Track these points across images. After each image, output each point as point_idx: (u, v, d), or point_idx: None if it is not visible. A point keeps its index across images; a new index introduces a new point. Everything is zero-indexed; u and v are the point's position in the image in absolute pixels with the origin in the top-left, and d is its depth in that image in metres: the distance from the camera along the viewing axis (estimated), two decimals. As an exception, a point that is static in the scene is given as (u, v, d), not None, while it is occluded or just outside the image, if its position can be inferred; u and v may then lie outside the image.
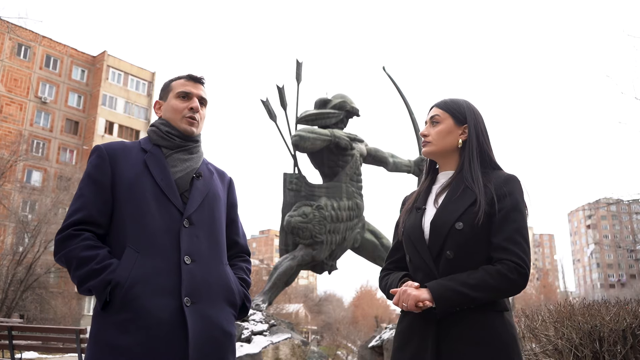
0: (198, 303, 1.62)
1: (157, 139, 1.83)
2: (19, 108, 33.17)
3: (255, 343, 5.46)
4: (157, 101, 1.93)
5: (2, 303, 20.07)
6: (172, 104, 1.86)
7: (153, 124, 1.90)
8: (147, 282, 1.58)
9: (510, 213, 1.59)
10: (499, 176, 1.68)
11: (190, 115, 1.84)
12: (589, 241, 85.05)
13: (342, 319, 40.91)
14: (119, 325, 1.54)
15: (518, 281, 1.53)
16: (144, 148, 1.81)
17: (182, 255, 1.64)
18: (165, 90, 1.92)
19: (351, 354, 28.83)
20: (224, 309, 1.70)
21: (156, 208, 1.68)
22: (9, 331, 7.17)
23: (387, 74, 7.69)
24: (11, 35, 31.58)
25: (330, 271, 7.31)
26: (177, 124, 1.83)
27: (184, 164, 1.81)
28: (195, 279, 1.64)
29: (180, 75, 1.92)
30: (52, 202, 24.25)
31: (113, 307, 1.56)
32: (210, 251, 1.74)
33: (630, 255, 59.56)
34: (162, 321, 1.55)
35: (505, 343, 1.54)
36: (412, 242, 1.69)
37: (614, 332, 3.52)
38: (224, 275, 1.76)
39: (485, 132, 1.77)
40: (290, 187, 7.09)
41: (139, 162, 1.76)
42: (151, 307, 1.55)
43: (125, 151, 1.78)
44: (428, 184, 1.81)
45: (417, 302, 1.54)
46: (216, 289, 1.70)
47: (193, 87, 1.88)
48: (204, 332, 1.60)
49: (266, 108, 7.15)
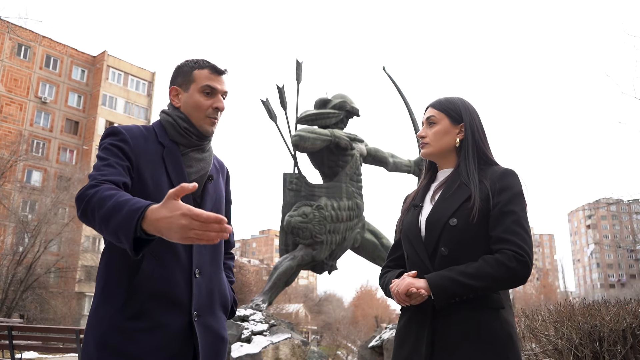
0: (203, 315, 1.61)
1: (174, 134, 1.70)
2: (19, 108, 33.17)
3: (255, 343, 5.46)
4: (175, 87, 1.74)
5: (2, 303, 20.06)
6: (196, 99, 1.70)
7: (169, 113, 1.73)
8: (165, 295, 1.54)
9: (507, 206, 1.58)
10: (494, 171, 1.67)
11: (214, 115, 1.72)
12: (589, 241, 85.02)
13: (342, 319, 40.92)
14: (130, 333, 1.49)
15: (518, 269, 1.50)
16: (161, 142, 1.68)
17: (193, 268, 1.61)
18: (186, 78, 1.73)
19: (351, 354, 28.82)
20: (220, 317, 1.70)
21: None
22: (9, 331, 7.17)
23: (387, 74, 7.69)
24: (11, 35, 31.57)
25: (330, 271, 7.31)
26: (199, 122, 1.70)
27: (198, 164, 1.71)
28: (202, 293, 1.62)
29: (203, 63, 1.74)
30: (52, 202, 24.23)
31: (129, 308, 1.50)
32: (212, 260, 1.70)
33: (630, 255, 59.54)
34: (174, 335, 1.53)
35: (500, 340, 1.51)
36: (409, 239, 1.70)
37: (614, 332, 3.52)
38: (222, 283, 1.75)
39: (481, 128, 1.77)
40: (290, 187, 7.09)
41: (157, 157, 1.64)
42: (165, 322, 1.52)
43: (145, 141, 1.65)
44: (427, 181, 1.82)
45: (410, 287, 1.53)
46: (216, 298, 1.69)
47: (218, 82, 1.73)
48: (209, 345, 1.61)
49: (266, 108, 7.15)
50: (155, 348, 1.49)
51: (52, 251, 25.06)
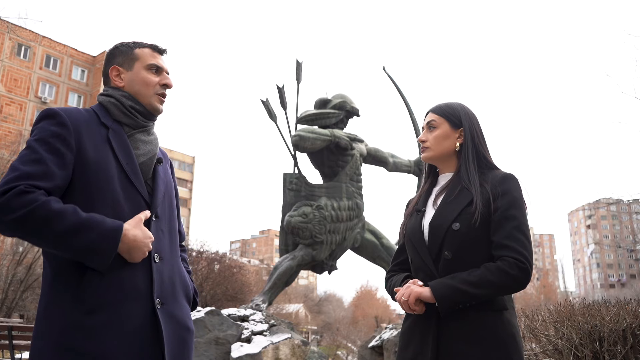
0: (166, 303, 1.53)
1: (118, 114, 1.60)
2: (19, 108, 33.18)
3: (255, 343, 5.46)
4: (116, 67, 1.66)
5: (2, 303, 20.06)
6: (143, 76, 1.64)
7: (111, 94, 1.63)
8: (122, 282, 1.44)
9: (508, 211, 1.61)
10: (495, 176, 1.71)
11: (163, 92, 1.67)
12: (589, 241, 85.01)
13: (342, 319, 40.92)
14: (90, 330, 1.37)
15: (519, 276, 1.54)
16: (104, 123, 1.57)
17: (152, 252, 1.52)
18: (127, 56, 1.66)
19: (351, 354, 28.83)
20: (184, 306, 1.62)
21: (124, 197, 1.50)
22: (9, 331, 7.17)
23: (387, 74, 7.69)
24: (11, 35, 31.58)
25: (330, 271, 7.31)
26: (147, 99, 1.64)
27: (146, 146, 1.63)
28: (163, 278, 1.54)
29: (141, 43, 1.70)
30: (52, 202, 24.23)
31: (86, 301, 1.38)
32: (171, 246, 1.63)
33: (630, 255, 59.54)
34: (137, 327, 1.43)
35: (503, 341, 1.55)
36: (412, 244, 1.73)
37: (614, 332, 3.52)
38: (182, 270, 1.67)
39: (480, 133, 1.82)
40: (290, 187, 7.09)
41: (102, 139, 1.53)
42: (127, 313, 1.42)
43: (87, 123, 1.53)
44: (428, 186, 1.85)
45: (418, 298, 1.57)
46: (178, 286, 1.61)
47: (162, 60, 1.70)
48: (174, 334, 1.52)
49: (266, 108, 7.15)
50: (118, 343, 1.39)
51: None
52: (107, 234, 1.37)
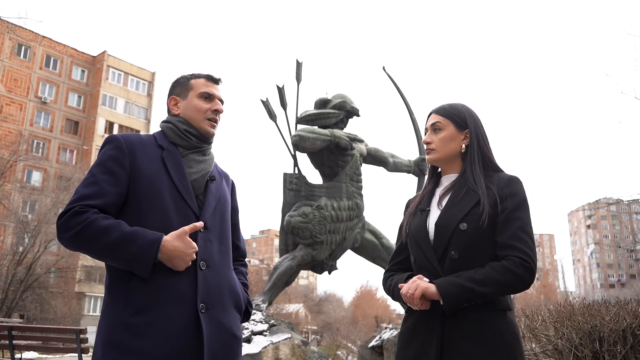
0: (211, 309, 1.63)
1: (174, 137, 1.80)
2: (19, 108, 33.17)
3: (255, 343, 5.46)
4: (174, 97, 1.87)
5: (2, 303, 20.06)
6: (195, 103, 1.82)
7: (169, 120, 1.85)
8: (166, 287, 1.58)
9: (513, 212, 1.63)
10: (501, 178, 1.72)
11: (213, 117, 1.83)
12: (589, 241, 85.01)
13: (342, 319, 40.91)
14: (135, 328, 1.53)
15: (524, 275, 1.55)
16: (161, 145, 1.77)
17: (198, 261, 1.65)
18: (184, 87, 1.87)
19: (351, 354, 28.83)
20: (232, 314, 1.72)
21: (174, 210, 1.67)
22: (9, 331, 7.17)
23: (387, 74, 7.69)
24: (11, 35, 31.59)
25: (330, 271, 7.30)
26: (199, 124, 1.81)
27: (199, 165, 1.79)
28: (209, 285, 1.65)
29: (198, 74, 1.88)
30: (52, 202, 24.23)
31: (133, 303, 1.55)
32: (220, 256, 1.75)
33: (630, 255, 59.55)
34: (180, 328, 1.56)
35: (508, 341, 1.56)
36: (417, 243, 1.73)
37: (614, 332, 3.52)
38: (232, 280, 1.78)
39: (484, 135, 1.83)
40: (290, 187, 7.08)
41: (157, 159, 1.72)
42: (170, 314, 1.56)
43: (143, 145, 1.73)
44: (432, 186, 1.85)
45: (424, 294, 1.57)
46: (226, 294, 1.72)
47: (214, 89, 1.86)
48: (217, 339, 1.62)
49: (266, 108, 7.15)
50: (160, 341, 1.52)
51: (52, 251, 25.05)
52: (147, 245, 1.55)
